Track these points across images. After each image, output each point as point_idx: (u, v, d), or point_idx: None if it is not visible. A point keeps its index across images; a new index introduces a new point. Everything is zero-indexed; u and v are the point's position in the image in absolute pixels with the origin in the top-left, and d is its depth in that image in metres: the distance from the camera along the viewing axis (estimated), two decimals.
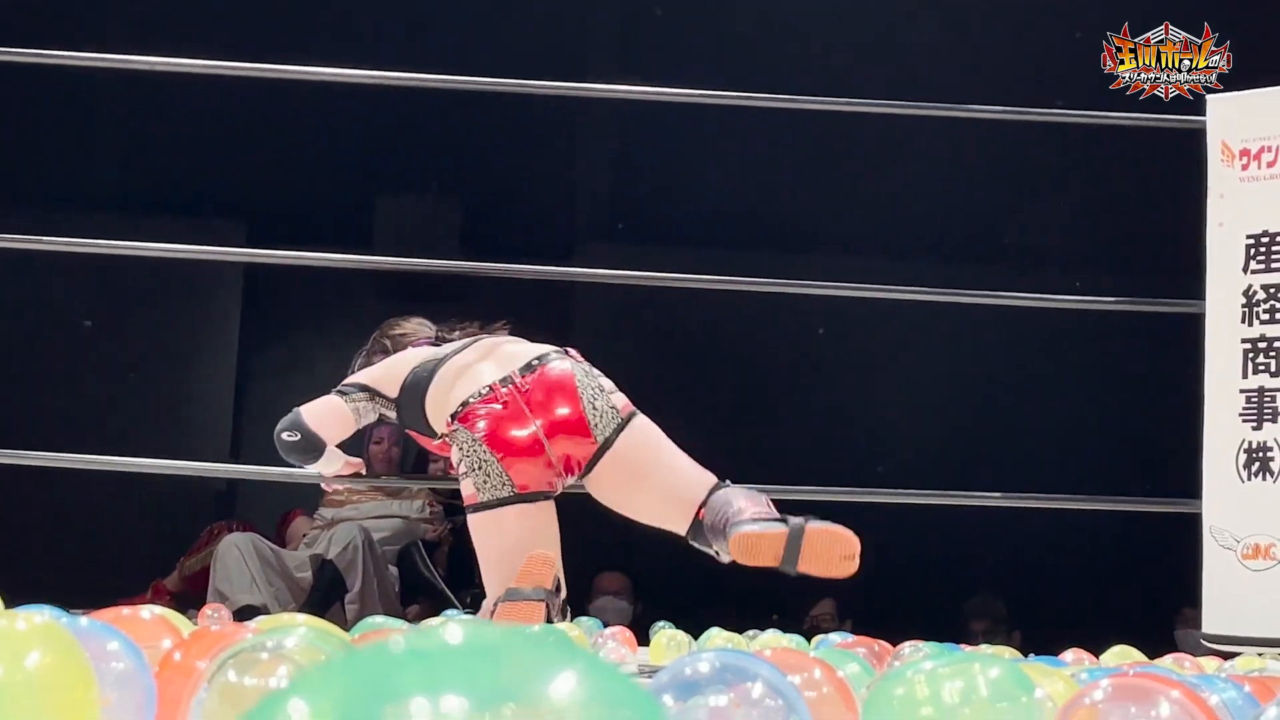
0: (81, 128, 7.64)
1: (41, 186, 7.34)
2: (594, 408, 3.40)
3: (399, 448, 5.90)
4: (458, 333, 3.76)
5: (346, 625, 4.10)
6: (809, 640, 3.57)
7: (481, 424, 3.35)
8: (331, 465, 3.64)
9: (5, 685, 1.39)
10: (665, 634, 3.63)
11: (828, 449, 7.10)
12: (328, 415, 3.54)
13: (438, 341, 3.73)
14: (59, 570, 6.61)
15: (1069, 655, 3.39)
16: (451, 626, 0.83)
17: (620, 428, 3.42)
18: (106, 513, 7.08)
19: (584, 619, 4.42)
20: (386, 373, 3.60)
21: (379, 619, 3.65)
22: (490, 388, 3.40)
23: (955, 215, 7.58)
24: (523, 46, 7.30)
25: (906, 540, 6.67)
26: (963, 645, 3.84)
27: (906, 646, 2.98)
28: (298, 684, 0.82)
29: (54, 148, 7.53)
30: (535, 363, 3.45)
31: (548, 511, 3.39)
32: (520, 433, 3.36)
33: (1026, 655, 3.26)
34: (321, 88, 5.92)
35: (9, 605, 2.27)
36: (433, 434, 3.55)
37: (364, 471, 3.68)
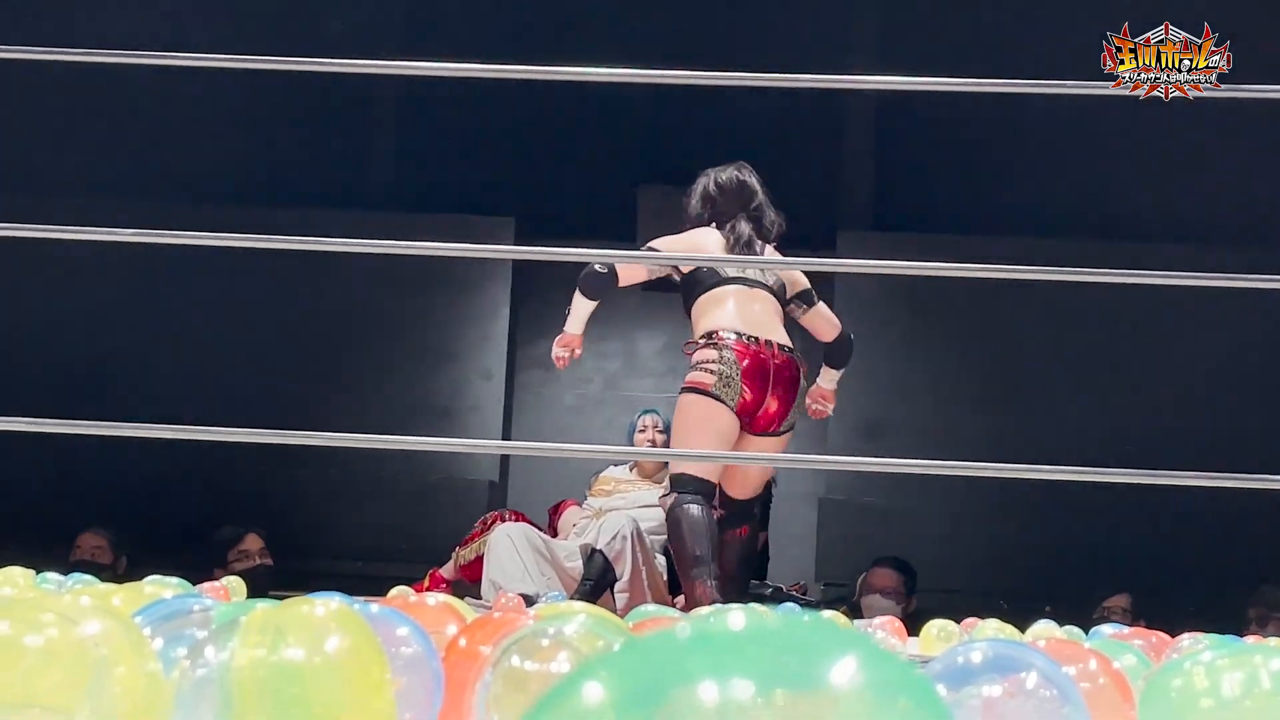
0: (359, 133, 7.90)
1: (321, 189, 7.61)
2: (795, 409, 4.37)
3: (664, 434, 5.95)
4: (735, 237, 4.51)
5: (616, 614, 4.17)
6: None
7: (747, 361, 4.26)
8: (579, 314, 4.44)
9: (305, 667, 1.46)
10: (936, 625, 3.62)
11: (1085, 431, 6.95)
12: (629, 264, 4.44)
13: (723, 228, 4.54)
14: (341, 559, 6.86)
15: None
16: (734, 613, 0.85)
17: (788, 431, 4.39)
18: (386, 504, 7.30)
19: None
20: (683, 246, 4.44)
21: (651, 608, 3.70)
22: (764, 341, 4.31)
23: (1202, 199, 7.34)
24: (787, 35, 7.32)
25: (1200, 538, 6.50)
26: (1245, 638, 3.72)
27: (1185, 638, 2.92)
28: (588, 668, 0.85)
29: (337, 153, 7.80)
30: (783, 349, 4.35)
31: (733, 438, 4.29)
32: (757, 384, 4.27)
33: None
34: (585, 85, 6.02)
35: (296, 593, 2.37)
36: (688, 317, 4.42)
37: (578, 349, 4.53)
